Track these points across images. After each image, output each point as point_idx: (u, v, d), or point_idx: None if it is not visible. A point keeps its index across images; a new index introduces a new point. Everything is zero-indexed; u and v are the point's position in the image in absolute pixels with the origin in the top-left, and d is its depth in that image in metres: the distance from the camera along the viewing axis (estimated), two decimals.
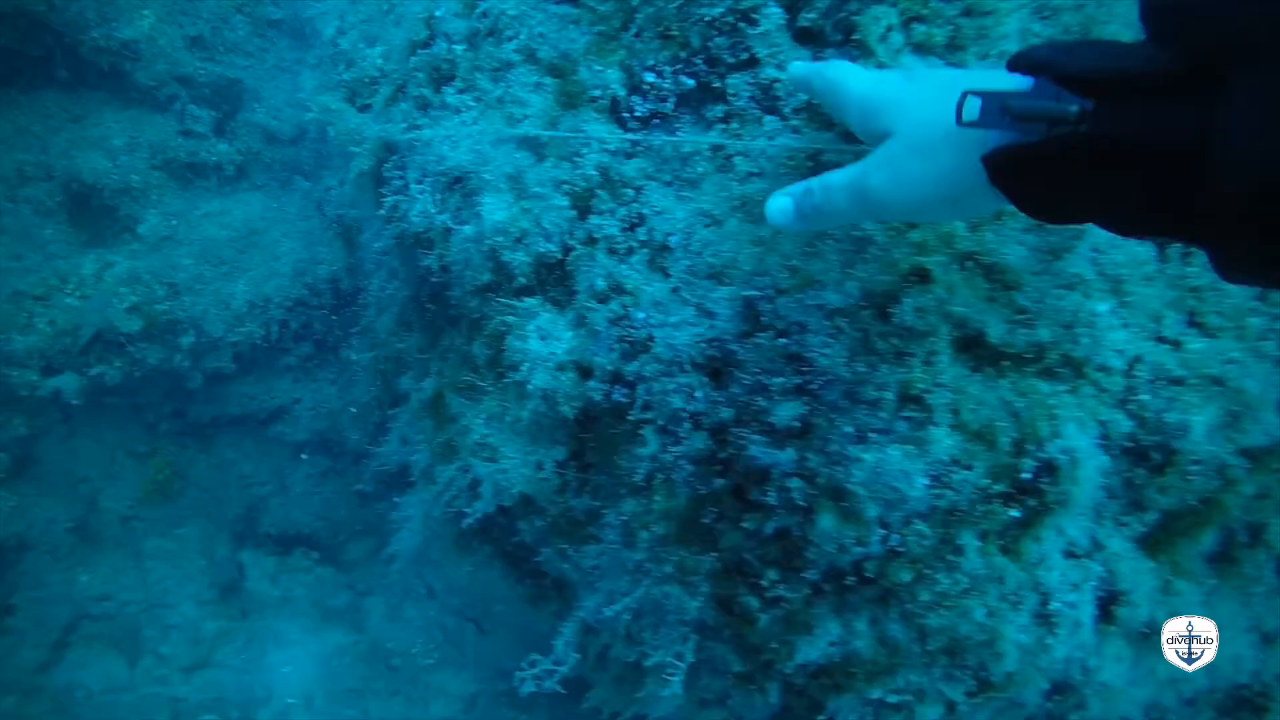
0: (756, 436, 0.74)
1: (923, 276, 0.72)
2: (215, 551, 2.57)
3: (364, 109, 1.40)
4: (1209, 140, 0.36)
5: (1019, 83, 0.47)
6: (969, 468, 0.70)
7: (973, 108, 0.48)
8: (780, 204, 0.65)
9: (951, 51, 0.80)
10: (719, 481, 0.79)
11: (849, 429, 0.71)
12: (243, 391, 2.55)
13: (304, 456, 2.60)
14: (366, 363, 1.70)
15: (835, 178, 0.60)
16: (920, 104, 0.54)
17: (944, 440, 0.69)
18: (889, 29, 0.81)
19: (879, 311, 0.72)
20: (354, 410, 2.43)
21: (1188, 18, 0.38)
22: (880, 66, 0.80)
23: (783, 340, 0.75)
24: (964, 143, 0.50)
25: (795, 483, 0.73)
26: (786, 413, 0.73)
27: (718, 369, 0.81)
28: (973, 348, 0.72)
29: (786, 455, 0.73)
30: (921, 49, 0.81)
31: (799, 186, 0.64)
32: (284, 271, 2.43)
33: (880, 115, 0.57)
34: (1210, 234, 0.39)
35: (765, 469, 0.74)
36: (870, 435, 0.70)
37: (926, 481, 0.70)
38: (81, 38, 2.15)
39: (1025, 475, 0.71)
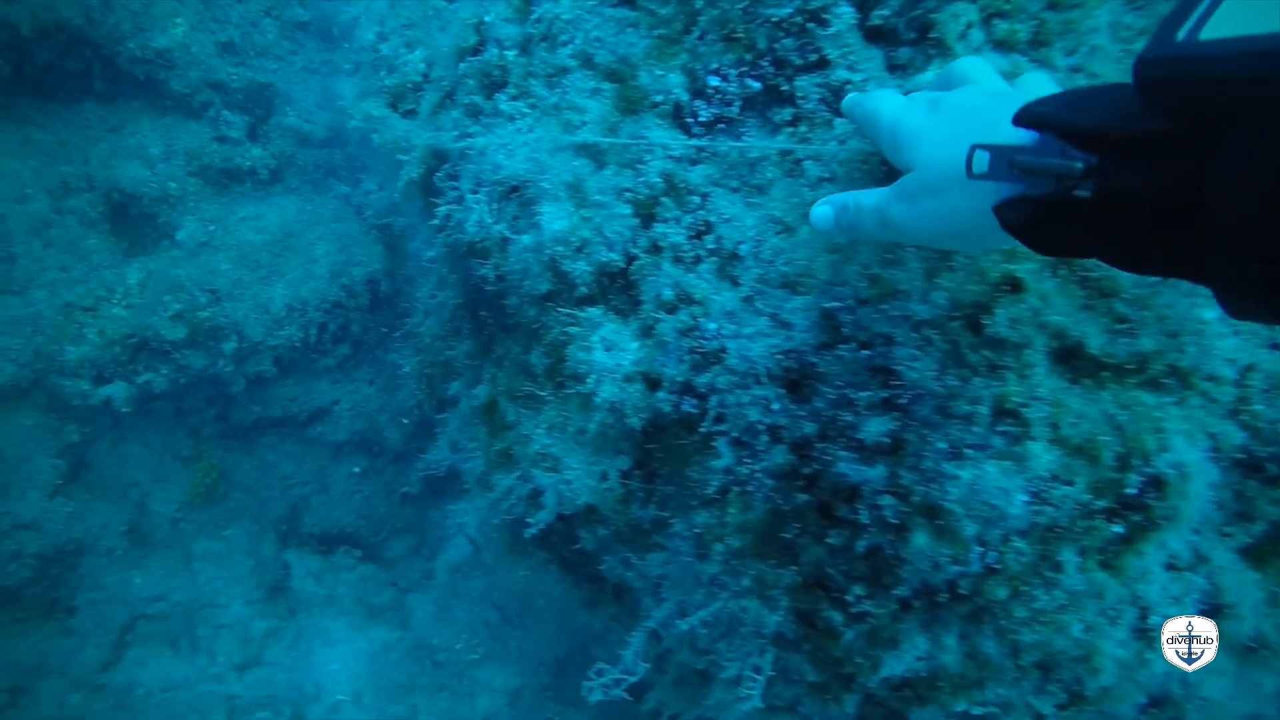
0: (844, 453, 0.73)
1: (1014, 285, 0.69)
2: (261, 551, 2.61)
3: (407, 115, 1.39)
4: (1209, 190, 0.38)
5: (1025, 134, 0.49)
6: (1070, 483, 0.68)
7: (981, 161, 0.51)
8: (822, 212, 0.68)
9: (1035, 48, 0.77)
10: (802, 497, 0.77)
11: (943, 445, 0.69)
12: (283, 394, 2.58)
13: (355, 470, 2.63)
14: (413, 368, 1.70)
15: (867, 200, 0.63)
16: (936, 144, 0.56)
17: (1043, 455, 0.67)
18: (969, 26, 0.77)
19: (969, 322, 0.70)
20: (405, 422, 2.45)
21: (1181, 88, 0.39)
22: None
23: (866, 352, 0.73)
24: (974, 188, 0.52)
25: (887, 500, 0.71)
26: (876, 428, 0.71)
27: (796, 381, 0.79)
28: (1071, 359, 0.69)
29: (877, 472, 0.71)
30: (1003, 46, 0.77)
31: (840, 198, 0.67)
32: (320, 274, 2.45)
33: (903, 149, 0.59)
34: (1215, 276, 0.40)
35: (855, 486, 0.72)
36: (965, 451, 0.68)
37: (1026, 498, 0.68)
38: (118, 49, 2.16)
39: (1130, 490, 0.68)
